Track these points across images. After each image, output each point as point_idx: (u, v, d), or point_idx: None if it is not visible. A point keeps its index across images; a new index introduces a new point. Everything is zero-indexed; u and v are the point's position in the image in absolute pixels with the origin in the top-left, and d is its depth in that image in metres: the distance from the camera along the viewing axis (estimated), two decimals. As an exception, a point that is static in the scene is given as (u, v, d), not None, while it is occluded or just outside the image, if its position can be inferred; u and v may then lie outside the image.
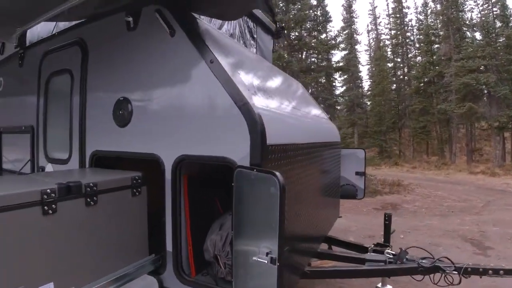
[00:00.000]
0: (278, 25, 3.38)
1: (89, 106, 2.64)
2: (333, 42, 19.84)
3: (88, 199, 1.75)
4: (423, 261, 2.89)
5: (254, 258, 1.45)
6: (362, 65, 36.62)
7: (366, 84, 35.70)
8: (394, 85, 29.26)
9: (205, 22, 2.54)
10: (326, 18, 18.41)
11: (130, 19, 2.29)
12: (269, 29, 4.80)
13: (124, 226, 1.96)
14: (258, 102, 1.91)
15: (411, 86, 26.86)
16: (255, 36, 4.44)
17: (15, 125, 3.48)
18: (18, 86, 3.53)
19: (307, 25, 19.99)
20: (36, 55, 3.16)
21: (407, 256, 3.02)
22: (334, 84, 30.17)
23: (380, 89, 28.81)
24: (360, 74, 35.29)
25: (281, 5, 17.47)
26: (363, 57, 45.05)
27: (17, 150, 3.48)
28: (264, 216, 1.49)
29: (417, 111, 24.64)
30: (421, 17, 28.61)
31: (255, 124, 1.71)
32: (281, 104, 2.52)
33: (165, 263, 2.14)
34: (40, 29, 3.22)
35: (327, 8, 20.88)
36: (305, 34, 20.57)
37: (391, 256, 3.12)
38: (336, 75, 29.50)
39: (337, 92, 32.22)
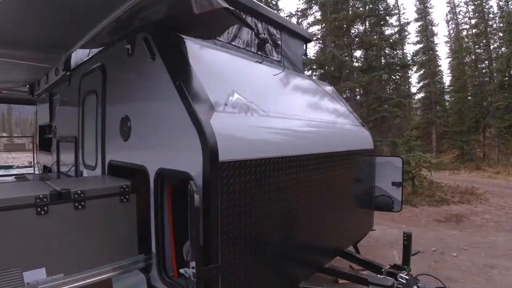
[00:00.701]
0: (260, 38, 3.40)
1: (107, 122, 3.07)
2: (396, 37, 18.35)
3: (76, 204, 2.10)
4: (436, 291, 2.65)
5: (181, 270, 1.58)
6: (440, 59, 33.16)
7: (448, 79, 32.36)
8: (477, 79, 25.79)
9: (197, 41, 2.72)
10: (387, 12, 17.15)
11: (129, 46, 2.61)
12: (298, 34, 4.80)
13: (112, 228, 2.28)
14: (220, 119, 2.03)
15: (494, 80, 23.34)
16: (279, 42, 4.50)
17: (66, 135, 4.18)
18: (68, 102, 4.23)
19: (372, 20, 18.94)
20: (77, 77, 3.76)
21: (418, 284, 2.79)
22: (409, 80, 28.08)
23: (461, 84, 25.72)
24: (440, 69, 32.17)
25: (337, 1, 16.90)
26: (444, 50, 40.59)
27: (68, 156, 4.17)
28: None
29: (502, 108, 21.30)
30: (502, 3, 24.74)
31: (206, 141, 1.84)
32: (267, 116, 2.58)
33: (152, 263, 2.40)
34: (81, 54, 3.82)
35: (389, 1, 19.50)
36: (369, 30, 19.52)
37: (402, 281, 2.91)
38: (412, 70, 27.40)
39: (413, 89, 29.99)
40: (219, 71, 2.61)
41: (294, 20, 19.51)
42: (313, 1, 18.28)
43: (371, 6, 17.09)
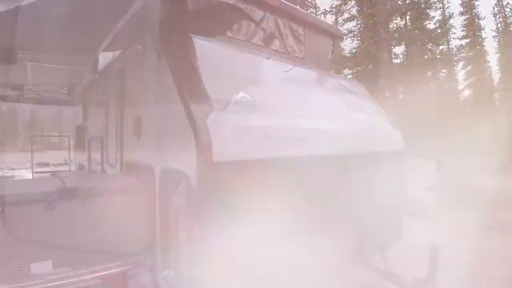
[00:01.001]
0: (266, 32, 3.27)
1: (124, 122, 3.17)
2: (439, 31, 17.15)
3: (82, 200, 2.17)
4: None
5: (165, 272, 1.55)
6: (488, 54, 30.60)
7: (497, 76, 29.82)
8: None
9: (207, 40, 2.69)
10: (428, 5, 16.10)
11: (140, 47, 2.67)
12: (324, 30, 4.63)
13: (117, 224, 2.32)
14: (218, 119, 1.98)
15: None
16: (301, 39, 4.36)
17: (95, 135, 4.41)
18: (96, 104, 4.46)
19: (412, 14, 17.94)
20: (103, 80, 3.94)
21: None
22: (456, 77, 26.32)
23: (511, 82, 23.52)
24: (488, 65, 29.75)
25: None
26: (493, 45, 37.11)
27: (96, 155, 4.38)
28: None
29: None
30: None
31: (200, 142, 1.81)
32: (274, 114, 2.47)
33: (157, 262, 2.43)
34: (107, 57, 3.99)
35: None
36: (409, 24, 18.51)
37: None
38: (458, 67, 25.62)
39: (460, 86, 28.08)
40: (225, 69, 2.56)
41: (329, 17, 19.05)
42: (348, -4, 17.76)
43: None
